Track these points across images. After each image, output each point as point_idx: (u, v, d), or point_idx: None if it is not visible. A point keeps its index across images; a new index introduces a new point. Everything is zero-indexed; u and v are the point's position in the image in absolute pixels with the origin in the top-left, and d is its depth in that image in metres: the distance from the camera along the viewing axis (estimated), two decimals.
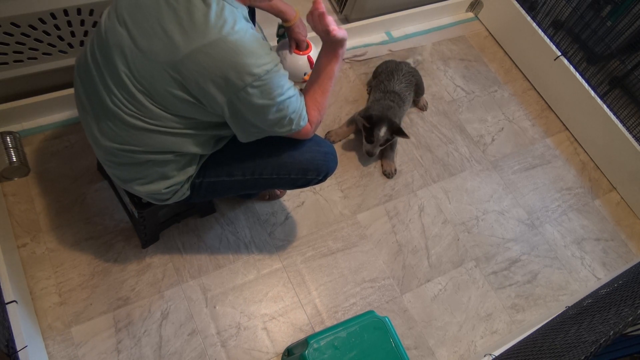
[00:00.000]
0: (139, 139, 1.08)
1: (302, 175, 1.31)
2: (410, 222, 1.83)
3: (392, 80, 1.91)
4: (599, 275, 1.90)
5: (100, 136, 1.12)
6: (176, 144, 1.10)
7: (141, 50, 0.98)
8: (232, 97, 1.00)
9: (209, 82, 0.98)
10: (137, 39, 0.99)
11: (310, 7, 1.15)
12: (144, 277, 1.52)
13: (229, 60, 0.96)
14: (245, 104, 1.02)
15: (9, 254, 1.37)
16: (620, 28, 2.06)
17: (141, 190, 1.18)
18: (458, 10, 2.50)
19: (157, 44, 0.97)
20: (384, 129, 1.74)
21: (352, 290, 1.65)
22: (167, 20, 0.96)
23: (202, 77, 0.97)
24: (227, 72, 0.97)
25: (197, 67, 0.96)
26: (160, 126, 1.06)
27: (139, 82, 1.01)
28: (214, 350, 1.46)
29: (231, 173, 1.26)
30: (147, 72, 0.99)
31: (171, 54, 0.96)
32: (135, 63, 1.00)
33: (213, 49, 0.95)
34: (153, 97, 1.02)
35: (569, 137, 2.25)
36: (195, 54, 0.95)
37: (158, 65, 0.98)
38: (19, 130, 1.65)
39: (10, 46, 1.45)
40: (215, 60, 0.96)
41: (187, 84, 0.99)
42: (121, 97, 1.04)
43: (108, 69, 1.04)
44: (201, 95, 1.00)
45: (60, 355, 1.37)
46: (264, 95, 1.02)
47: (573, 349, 0.99)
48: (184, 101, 1.02)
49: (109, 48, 1.02)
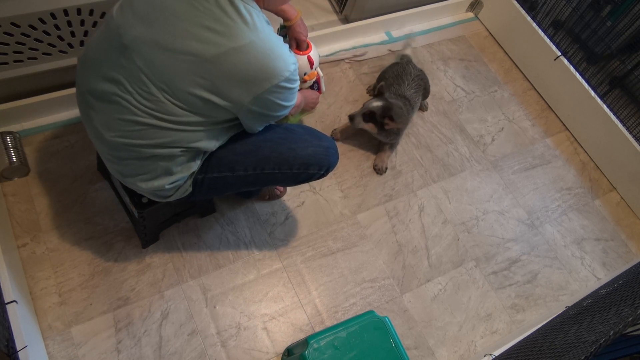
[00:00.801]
0: (147, 133, 1.09)
1: (304, 169, 1.32)
2: (410, 222, 1.83)
3: (402, 85, 1.88)
4: (599, 275, 1.90)
5: (105, 131, 1.12)
6: (185, 139, 1.11)
7: (164, 48, 1.00)
8: (258, 97, 1.06)
9: (237, 82, 1.03)
10: (159, 37, 1.00)
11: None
12: (144, 277, 1.53)
13: (260, 64, 1.02)
14: (267, 102, 1.10)
15: (9, 254, 1.37)
16: (620, 28, 2.06)
17: (144, 187, 1.18)
18: (458, 10, 2.50)
19: (183, 43, 0.99)
20: (378, 105, 1.74)
21: (352, 290, 1.65)
22: (194, 21, 0.99)
23: (231, 78, 1.02)
24: (257, 74, 1.03)
25: (226, 69, 1.01)
26: (173, 122, 1.07)
27: (158, 79, 1.02)
28: (214, 350, 1.46)
29: (233, 168, 1.26)
30: (168, 70, 1.01)
31: (200, 53, 0.99)
32: (154, 61, 1.01)
33: (244, 52, 1.00)
34: (173, 94, 1.04)
35: (569, 137, 2.25)
36: (226, 55, 0.99)
37: (183, 64, 1.00)
38: (19, 130, 1.65)
39: (10, 46, 1.45)
40: (246, 63, 1.01)
41: (213, 84, 1.02)
42: (135, 92, 1.05)
43: (121, 64, 1.04)
44: (225, 94, 1.04)
45: (60, 355, 1.37)
46: (285, 93, 1.11)
47: (573, 349, 0.99)
48: (205, 100, 1.04)
49: (124, 44, 1.03)
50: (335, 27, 2.14)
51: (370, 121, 1.77)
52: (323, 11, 2.25)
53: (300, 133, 1.33)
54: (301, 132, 1.34)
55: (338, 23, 2.22)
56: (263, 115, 1.15)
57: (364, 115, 1.76)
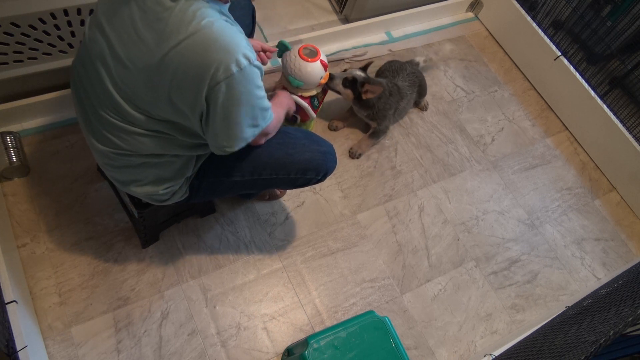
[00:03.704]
0: (130, 143, 1.08)
1: (301, 175, 1.31)
2: (410, 222, 1.83)
3: (396, 77, 1.91)
4: (599, 275, 1.90)
5: (95, 141, 1.12)
6: (166, 147, 1.10)
7: (119, 58, 0.97)
8: (207, 98, 0.95)
9: (184, 88, 0.94)
10: (116, 47, 0.97)
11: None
12: (144, 277, 1.52)
13: (199, 57, 0.91)
14: (217, 106, 0.96)
15: (9, 254, 1.37)
16: (620, 28, 2.06)
17: (139, 192, 1.18)
18: (458, 10, 2.50)
19: (133, 50, 0.95)
20: (361, 75, 1.73)
21: (352, 290, 1.65)
22: (140, 24, 0.93)
23: (178, 82, 0.94)
24: (198, 69, 0.91)
25: (172, 71, 0.92)
26: (147, 129, 1.05)
27: (122, 90, 1.00)
28: (214, 350, 1.46)
29: (230, 174, 1.26)
30: (128, 79, 0.98)
31: (147, 58, 0.94)
32: (116, 71, 0.98)
33: (183, 47, 0.90)
34: (136, 103, 1.01)
35: (569, 137, 2.25)
36: (168, 56, 0.92)
37: (137, 72, 0.96)
38: (19, 130, 1.65)
39: (10, 46, 1.45)
40: (187, 59, 0.91)
41: (166, 87, 0.95)
42: (109, 105, 1.03)
43: (93, 78, 1.03)
44: (179, 97, 0.96)
45: (60, 355, 1.37)
46: (240, 94, 0.96)
47: (573, 349, 0.99)
48: (165, 105, 0.99)
49: (91, 58, 1.02)
50: (335, 27, 2.14)
51: (350, 87, 1.76)
52: (323, 11, 2.25)
53: (297, 137, 1.31)
54: (299, 136, 1.32)
55: (338, 23, 2.23)
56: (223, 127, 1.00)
57: (345, 79, 1.75)
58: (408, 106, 1.97)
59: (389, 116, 1.85)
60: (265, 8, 2.17)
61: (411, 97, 1.94)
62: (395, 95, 1.85)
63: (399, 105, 1.88)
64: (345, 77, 1.74)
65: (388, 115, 1.85)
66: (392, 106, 1.85)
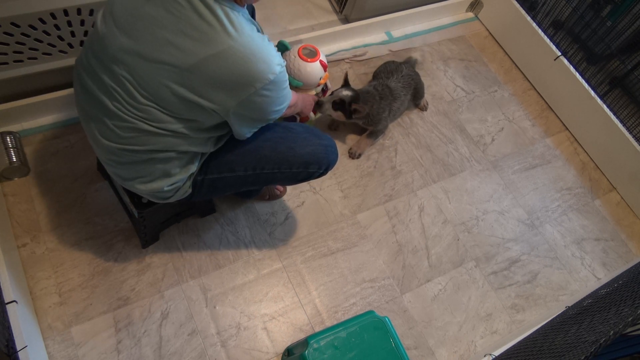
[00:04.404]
0: (142, 140, 1.09)
1: (303, 168, 1.32)
2: (410, 222, 1.83)
3: (389, 78, 1.92)
4: (599, 275, 1.90)
5: (101, 137, 1.12)
6: (178, 144, 1.11)
7: (145, 58, 0.99)
8: (243, 101, 1.03)
9: (220, 88, 1.00)
10: (140, 48, 0.99)
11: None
12: (144, 277, 1.52)
13: (240, 69, 0.99)
14: (254, 106, 1.07)
15: (9, 254, 1.37)
16: (620, 28, 2.06)
17: (143, 189, 1.18)
18: (458, 10, 2.50)
19: (162, 52, 0.98)
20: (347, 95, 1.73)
21: (352, 290, 1.65)
22: (172, 28, 0.97)
23: (213, 84, 1.00)
24: (239, 80, 1.00)
25: (207, 76, 0.98)
26: (163, 129, 1.07)
27: (143, 89, 1.02)
28: (214, 350, 1.46)
29: (233, 169, 1.26)
30: (152, 79, 1.00)
31: (179, 62, 0.97)
32: (138, 70, 1.00)
33: (223, 58, 0.97)
34: (159, 102, 1.03)
35: (569, 137, 2.25)
36: (205, 63, 0.97)
37: (165, 73, 0.99)
38: (19, 130, 1.65)
39: (10, 46, 1.45)
40: (226, 69, 0.98)
41: (196, 90, 1.00)
42: (124, 101, 1.04)
43: (109, 74, 1.04)
44: (210, 100, 1.02)
45: (60, 355, 1.37)
46: (272, 96, 1.07)
47: (573, 349, 0.99)
48: (192, 106, 1.03)
49: (109, 55, 1.02)
50: (335, 27, 2.14)
51: (340, 109, 1.76)
52: (323, 11, 2.25)
53: (299, 132, 1.33)
54: (300, 130, 1.33)
55: (338, 23, 2.23)
56: (252, 120, 1.13)
57: (334, 103, 1.75)
58: (403, 107, 1.96)
59: (384, 118, 1.86)
60: (265, 8, 2.17)
61: (405, 98, 1.94)
62: (387, 98, 1.85)
63: (392, 107, 1.88)
64: (334, 100, 1.74)
65: (383, 118, 1.86)
66: (385, 108, 1.85)
